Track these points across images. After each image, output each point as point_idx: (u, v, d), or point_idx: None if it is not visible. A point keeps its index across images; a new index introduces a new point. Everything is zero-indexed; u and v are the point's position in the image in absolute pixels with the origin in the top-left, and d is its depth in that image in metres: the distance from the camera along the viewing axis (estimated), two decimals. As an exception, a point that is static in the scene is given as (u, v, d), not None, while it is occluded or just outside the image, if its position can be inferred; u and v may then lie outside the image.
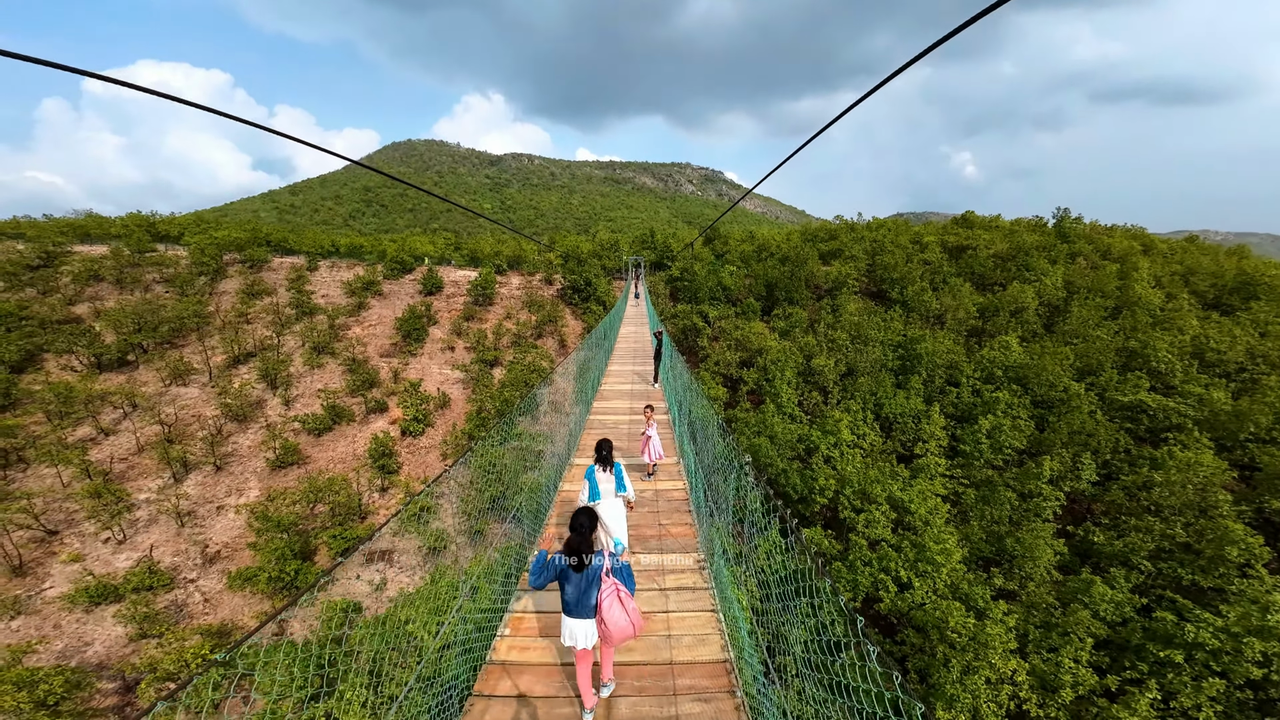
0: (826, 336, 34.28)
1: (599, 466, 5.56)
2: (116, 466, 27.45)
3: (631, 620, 3.56)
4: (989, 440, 25.30)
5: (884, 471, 21.55)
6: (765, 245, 56.80)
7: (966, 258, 48.43)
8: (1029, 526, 20.78)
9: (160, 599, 21.15)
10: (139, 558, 22.48)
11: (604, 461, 5.56)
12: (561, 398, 17.29)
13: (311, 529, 23.13)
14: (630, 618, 3.55)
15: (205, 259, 47.94)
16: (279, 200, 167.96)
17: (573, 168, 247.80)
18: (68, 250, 47.85)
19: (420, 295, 45.99)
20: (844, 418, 24.36)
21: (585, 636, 3.67)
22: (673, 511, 7.18)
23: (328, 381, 36.26)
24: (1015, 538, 20.21)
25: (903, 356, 31.33)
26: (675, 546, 6.21)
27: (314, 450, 29.62)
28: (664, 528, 6.66)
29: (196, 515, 24.75)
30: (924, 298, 39.71)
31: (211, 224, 60.59)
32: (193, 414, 31.98)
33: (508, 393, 28.72)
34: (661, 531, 6.57)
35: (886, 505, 20.95)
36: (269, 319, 42.01)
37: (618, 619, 3.53)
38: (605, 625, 3.57)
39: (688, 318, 41.68)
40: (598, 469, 5.55)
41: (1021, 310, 37.95)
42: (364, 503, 25.16)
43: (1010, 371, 29.93)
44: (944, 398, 28.93)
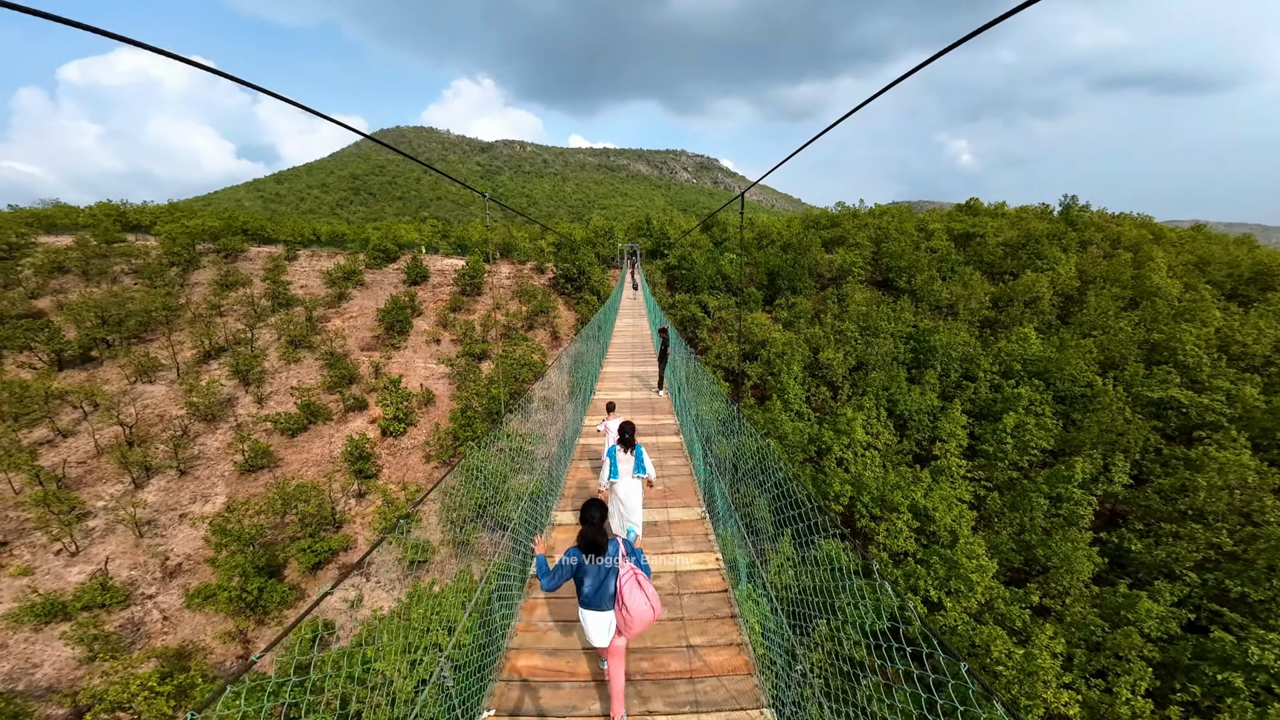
0: (833, 328, 32.49)
1: (620, 447, 5.62)
2: (73, 471, 25.32)
3: (652, 605, 3.49)
4: (1013, 439, 23.70)
5: (905, 477, 19.87)
6: (766, 232, 54.80)
7: (974, 245, 46.67)
8: (1063, 534, 19.21)
9: (115, 617, 19.21)
10: (93, 571, 20.49)
11: (626, 443, 5.63)
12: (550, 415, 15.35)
13: (280, 540, 21.21)
14: (650, 602, 3.49)
15: (177, 249, 45.34)
16: (264, 189, 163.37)
17: (566, 154, 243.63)
18: (32, 242, 45.01)
19: (405, 285, 43.74)
20: (857, 416, 22.63)
21: (607, 630, 3.55)
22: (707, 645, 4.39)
23: (304, 377, 34.12)
24: (1048, 547, 18.64)
25: (915, 349, 29.62)
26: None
27: (287, 452, 27.59)
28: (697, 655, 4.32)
29: (157, 524, 22.73)
30: (933, 287, 37.96)
31: (187, 213, 57.68)
32: (157, 414, 29.80)
33: (495, 389, 26.75)
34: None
35: (909, 514, 19.31)
36: (243, 311, 39.67)
37: (638, 603, 3.45)
38: (627, 611, 3.45)
39: (686, 307, 39.75)
40: (619, 449, 5.61)
41: (1036, 300, 36.29)
42: (338, 510, 23.24)
43: (1030, 365, 28.33)
44: (960, 393, 27.28)
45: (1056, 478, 21.18)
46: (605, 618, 3.51)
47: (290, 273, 45.36)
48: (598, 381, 12.75)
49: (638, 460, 5.55)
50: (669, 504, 6.76)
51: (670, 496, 6.97)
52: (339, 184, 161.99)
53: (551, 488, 7.09)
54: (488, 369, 33.76)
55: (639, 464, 5.54)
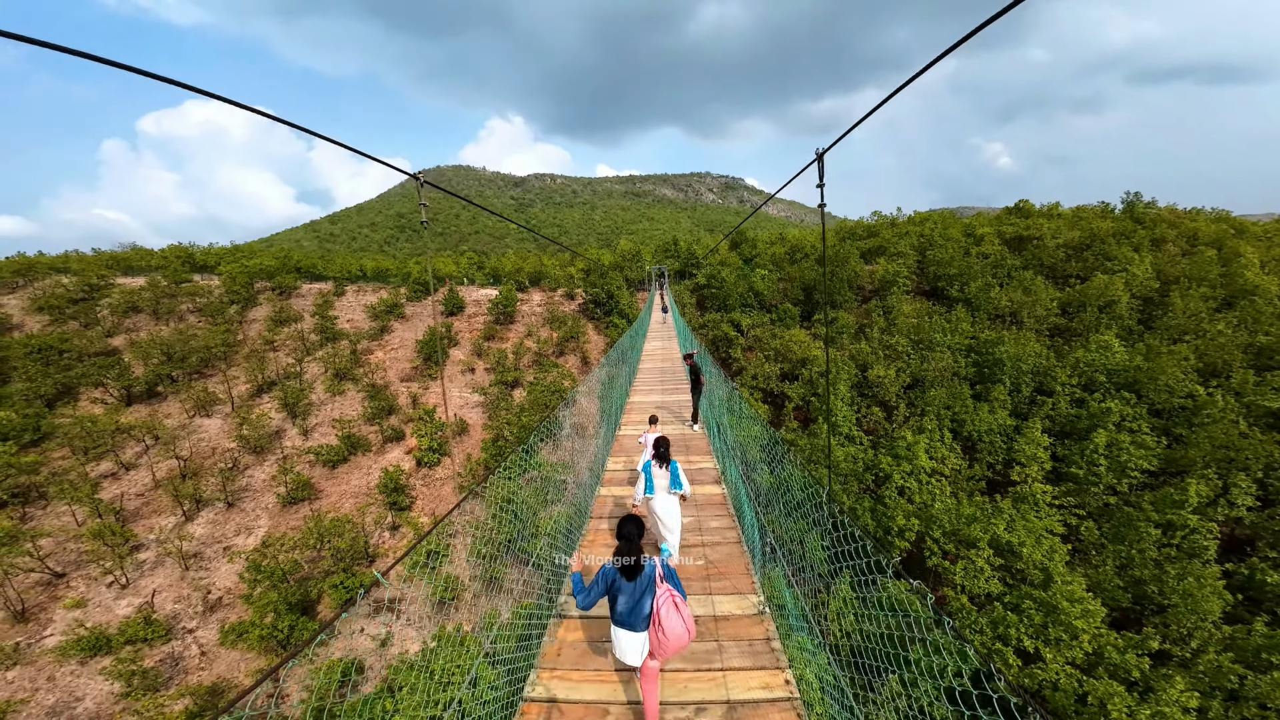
0: (881, 342, 30.31)
1: (655, 462, 5.52)
2: (131, 503, 26.36)
3: (687, 627, 3.38)
4: (1107, 460, 20.79)
5: (982, 507, 17.51)
6: (799, 246, 53.22)
7: (1031, 249, 43.41)
8: (1182, 567, 16.26)
9: (156, 651, 19.25)
10: (140, 604, 20.81)
11: (661, 458, 5.53)
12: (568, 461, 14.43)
13: (315, 574, 20.95)
14: (686, 624, 3.38)
15: (236, 287, 48.32)
16: (319, 229, 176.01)
17: (593, 184, 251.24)
18: (111, 283, 49.17)
19: (441, 316, 44.71)
20: (919, 440, 20.41)
21: (640, 651, 3.43)
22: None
23: (347, 409, 34.86)
24: (1164, 582, 15.78)
25: (977, 362, 27.03)
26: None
27: (328, 484, 27.82)
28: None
29: (203, 557, 23.08)
30: (990, 294, 35.15)
31: (247, 254, 62.03)
32: (211, 447, 30.94)
33: (525, 417, 26.17)
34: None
35: (989, 549, 16.92)
36: (293, 346, 41.46)
37: (675, 626, 3.34)
38: (663, 634, 3.33)
39: (718, 327, 38.47)
40: (654, 464, 5.51)
41: (1112, 304, 32.87)
42: (372, 544, 22.89)
43: (1116, 376, 25.22)
44: (1036, 410, 24.48)
45: (1166, 502, 18.19)
46: (639, 638, 3.40)
47: (338, 308, 47.36)
48: (623, 414, 11.40)
49: (673, 475, 5.45)
50: (712, 587, 5.10)
51: (714, 575, 5.31)
52: (386, 222, 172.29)
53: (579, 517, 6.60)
54: (520, 396, 33.46)
55: (675, 479, 5.44)
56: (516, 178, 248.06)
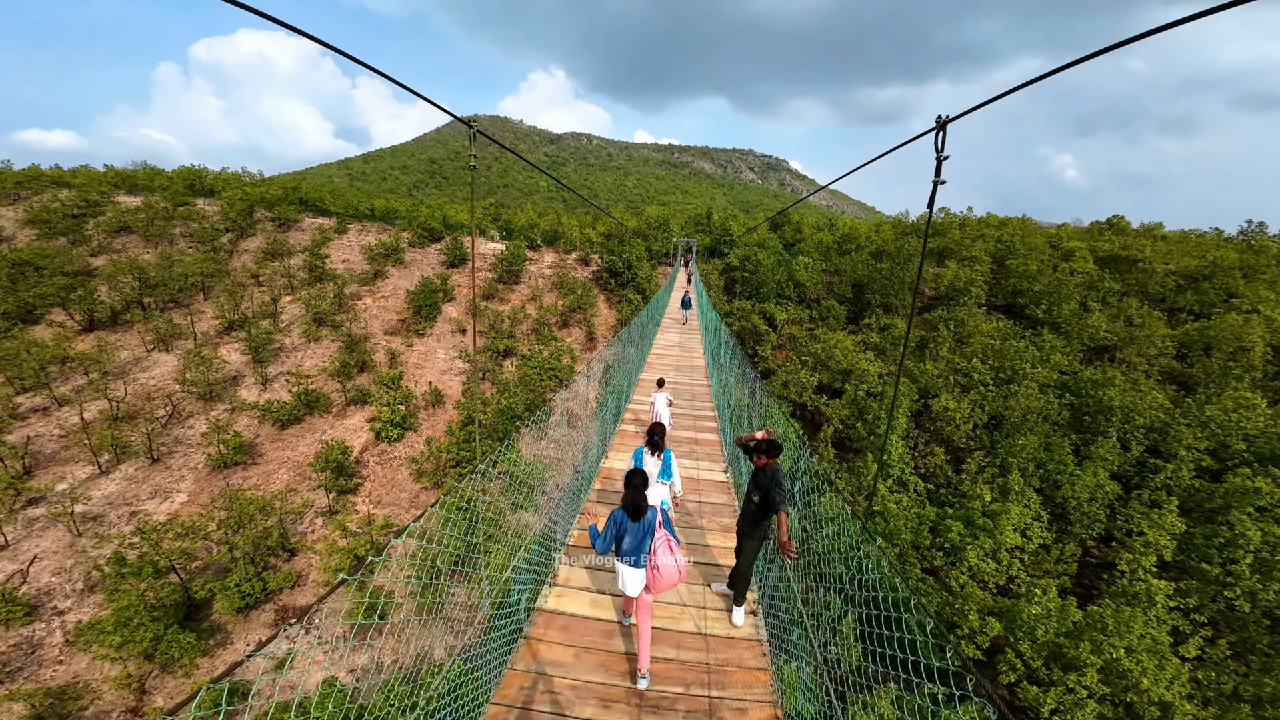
0: (950, 364, 24.59)
1: (647, 450, 5.43)
2: (49, 446, 23.04)
3: (679, 567, 3.88)
4: (1249, 556, 15.29)
5: (1097, 619, 12.31)
6: (851, 235, 46.69)
7: (1135, 273, 36.22)
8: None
9: (12, 634, 15.83)
10: (13, 571, 17.42)
11: (654, 446, 5.43)
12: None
13: (213, 566, 17.15)
14: (678, 564, 3.87)
15: (234, 215, 44.64)
16: (352, 167, 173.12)
17: (630, 149, 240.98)
18: (111, 200, 46.07)
19: (442, 267, 40.27)
20: (1009, 508, 15.08)
21: (639, 583, 3.94)
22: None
23: (318, 359, 31.00)
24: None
25: (1073, 405, 21.25)
26: None
27: (272, 446, 24.03)
28: None
29: (103, 521, 19.59)
30: (1088, 321, 28.76)
31: (256, 182, 58.32)
32: (158, 387, 27.45)
33: (506, 399, 21.60)
34: None
35: (1096, 674, 11.88)
36: (282, 282, 37.70)
37: (668, 564, 3.84)
38: (657, 570, 3.85)
39: (747, 317, 32.99)
40: (646, 452, 5.42)
41: (1245, 350, 26.27)
42: (300, 530, 18.97)
43: (1257, 443, 19.29)
44: (1149, 477, 18.80)
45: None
46: (639, 573, 3.92)
47: (337, 246, 43.29)
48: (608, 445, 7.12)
49: (665, 465, 5.37)
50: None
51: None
52: (418, 166, 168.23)
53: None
54: (509, 369, 28.99)
55: (665, 469, 5.37)
56: (553, 134, 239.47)
